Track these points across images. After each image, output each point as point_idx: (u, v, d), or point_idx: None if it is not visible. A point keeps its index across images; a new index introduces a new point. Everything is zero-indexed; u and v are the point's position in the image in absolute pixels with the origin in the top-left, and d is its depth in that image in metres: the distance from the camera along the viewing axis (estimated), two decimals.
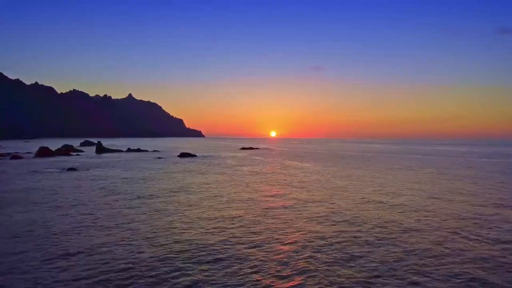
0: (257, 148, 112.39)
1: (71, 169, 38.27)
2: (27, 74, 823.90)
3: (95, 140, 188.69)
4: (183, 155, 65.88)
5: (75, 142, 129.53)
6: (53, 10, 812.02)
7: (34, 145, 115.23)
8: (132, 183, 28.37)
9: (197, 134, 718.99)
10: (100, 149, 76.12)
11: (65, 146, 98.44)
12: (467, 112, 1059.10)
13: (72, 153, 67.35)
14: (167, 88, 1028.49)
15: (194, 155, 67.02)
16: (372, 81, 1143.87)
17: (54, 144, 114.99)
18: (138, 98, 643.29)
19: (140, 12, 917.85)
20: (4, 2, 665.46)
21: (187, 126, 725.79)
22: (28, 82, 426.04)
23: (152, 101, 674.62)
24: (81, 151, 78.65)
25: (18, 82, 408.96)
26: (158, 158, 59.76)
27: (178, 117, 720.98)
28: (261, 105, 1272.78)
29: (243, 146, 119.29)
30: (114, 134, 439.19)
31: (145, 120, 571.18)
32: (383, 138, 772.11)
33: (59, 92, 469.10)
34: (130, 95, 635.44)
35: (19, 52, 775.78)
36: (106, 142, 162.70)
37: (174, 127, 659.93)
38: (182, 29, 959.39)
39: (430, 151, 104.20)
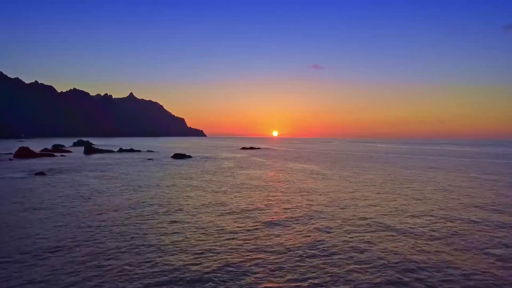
0: (258, 148, 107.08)
1: (39, 173, 32.98)
2: (26, 73, 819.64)
3: (92, 140, 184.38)
4: (177, 156, 60.62)
5: (72, 142, 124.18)
6: (54, 9, 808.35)
7: (27, 145, 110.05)
8: (87, 192, 23.06)
9: (198, 133, 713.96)
10: (89, 150, 70.84)
11: (55, 146, 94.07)
12: (469, 112, 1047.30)
13: (56, 154, 62.06)
14: (168, 87, 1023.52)
15: (189, 156, 61.79)
16: (373, 80, 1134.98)
17: (48, 143, 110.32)
18: (139, 97, 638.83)
19: (141, 11, 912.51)
20: (3, 1, 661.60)
21: (188, 125, 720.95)
22: (27, 81, 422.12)
23: (153, 100, 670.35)
24: (69, 151, 73.57)
25: (17, 80, 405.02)
26: (148, 159, 54.55)
27: (180, 117, 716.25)
28: (263, 105, 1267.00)
29: (243, 146, 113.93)
30: (115, 133, 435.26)
31: (146, 119, 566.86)
32: (384, 138, 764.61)
33: (59, 91, 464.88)
34: (131, 94, 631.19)
35: (19, 50, 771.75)
36: (103, 142, 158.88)
37: (176, 127, 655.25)
38: (182, 28, 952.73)
39: (442, 151, 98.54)
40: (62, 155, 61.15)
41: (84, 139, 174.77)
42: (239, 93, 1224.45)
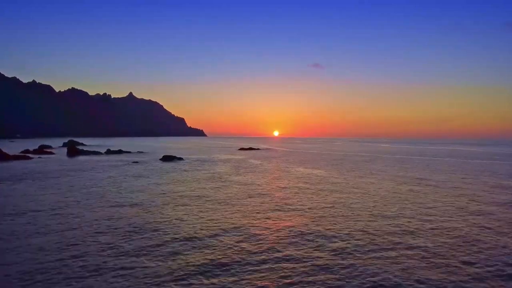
0: (258, 149, 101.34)
1: None
2: (24, 72, 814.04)
3: (91, 140, 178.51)
4: (166, 158, 54.85)
5: (62, 142, 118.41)
6: (52, 8, 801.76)
7: (14, 146, 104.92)
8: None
9: (199, 133, 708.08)
10: (72, 151, 65.06)
11: (42, 146, 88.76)
12: (470, 111, 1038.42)
13: (33, 156, 56.25)
14: (168, 87, 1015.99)
15: (179, 158, 56.07)
16: (373, 80, 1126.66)
17: (39, 143, 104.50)
18: (139, 97, 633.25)
19: (141, 11, 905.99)
20: (2, 1, 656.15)
21: (188, 125, 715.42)
22: (25, 80, 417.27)
23: (153, 100, 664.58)
24: (52, 153, 67.95)
25: (15, 80, 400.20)
26: (134, 162, 48.86)
27: (180, 116, 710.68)
28: (264, 104, 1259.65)
29: (242, 147, 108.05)
30: (115, 133, 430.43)
31: (145, 119, 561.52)
32: (386, 137, 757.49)
33: (57, 90, 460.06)
34: (130, 93, 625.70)
35: (16, 49, 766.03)
36: (100, 142, 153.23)
37: (176, 126, 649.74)
38: (182, 28, 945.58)
39: (453, 152, 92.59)
40: (39, 158, 55.34)
41: (83, 139, 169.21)
42: (239, 92, 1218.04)
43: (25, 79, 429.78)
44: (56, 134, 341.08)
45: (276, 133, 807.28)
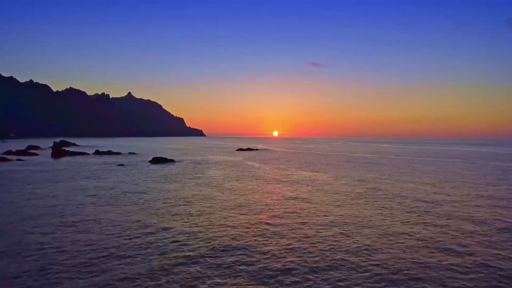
0: (256, 149, 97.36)
1: None
2: (22, 72, 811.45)
3: (89, 140, 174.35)
4: (156, 160, 50.82)
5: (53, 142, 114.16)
6: (50, 7, 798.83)
7: (2, 146, 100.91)
8: None
9: (198, 133, 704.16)
10: (57, 152, 60.97)
11: (29, 147, 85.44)
12: (470, 111, 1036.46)
13: (12, 158, 52.04)
14: (167, 87, 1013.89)
15: (170, 160, 52.18)
16: (373, 80, 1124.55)
17: (29, 144, 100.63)
18: (138, 97, 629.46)
19: (141, 11, 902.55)
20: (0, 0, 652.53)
21: (187, 125, 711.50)
22: (22, 80, 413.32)
23: (152, 100, 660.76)
24: (36, 154, 64.04)
25: (12, 79, 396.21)
26: (119, 165, 44.84)
27: (179, 116, 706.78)
28: (263, 104, 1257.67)
29: (239, 147, 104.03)
30: (113, 133, 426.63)
31: (144, 119, 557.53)
32: (386, 137, 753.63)
33: (55, 90, 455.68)
34: (129, 93, 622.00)
35: (13, 49, 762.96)
36: (94, 142, 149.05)
37: (175, 127, 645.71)
38: (182, 28, 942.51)
39: (464, 153, 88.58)
40: (18, 160, 51.10)
41: (79, 139, 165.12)
42: (239, 92, 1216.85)
43: (22, 79, 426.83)
44: (54, 134, 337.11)
45: (275, 133, 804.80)
